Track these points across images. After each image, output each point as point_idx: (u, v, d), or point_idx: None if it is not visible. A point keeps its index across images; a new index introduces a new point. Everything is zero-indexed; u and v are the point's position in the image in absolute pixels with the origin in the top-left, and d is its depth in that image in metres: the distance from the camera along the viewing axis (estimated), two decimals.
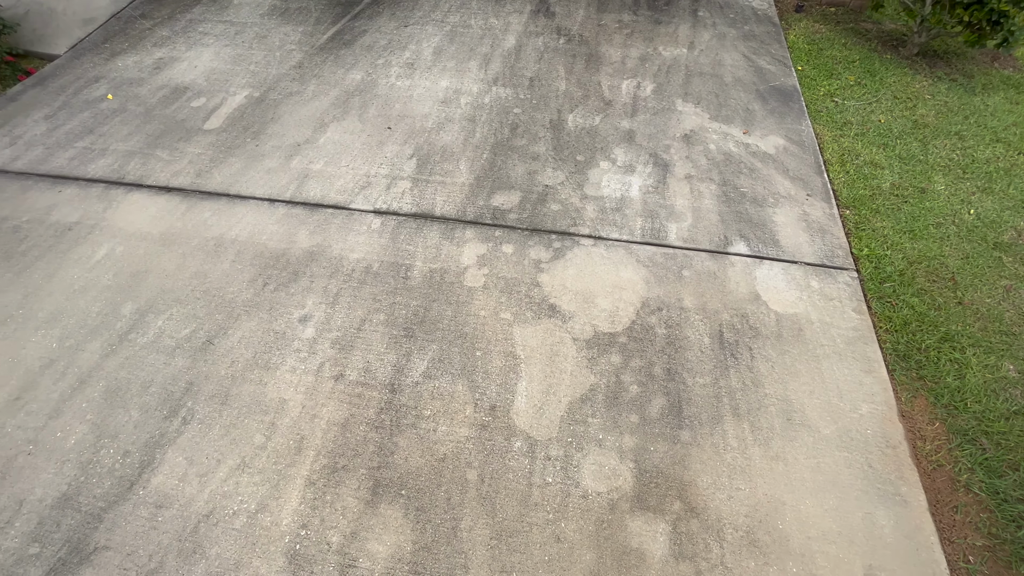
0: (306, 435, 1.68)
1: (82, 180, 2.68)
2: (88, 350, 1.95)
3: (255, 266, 2.21)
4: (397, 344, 1.90)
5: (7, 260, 2.32)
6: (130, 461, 1.65)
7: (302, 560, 1.43)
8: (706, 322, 1.93)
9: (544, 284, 2.07)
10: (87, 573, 1.44)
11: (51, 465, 1.66)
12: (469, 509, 1.50)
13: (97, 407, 1.79)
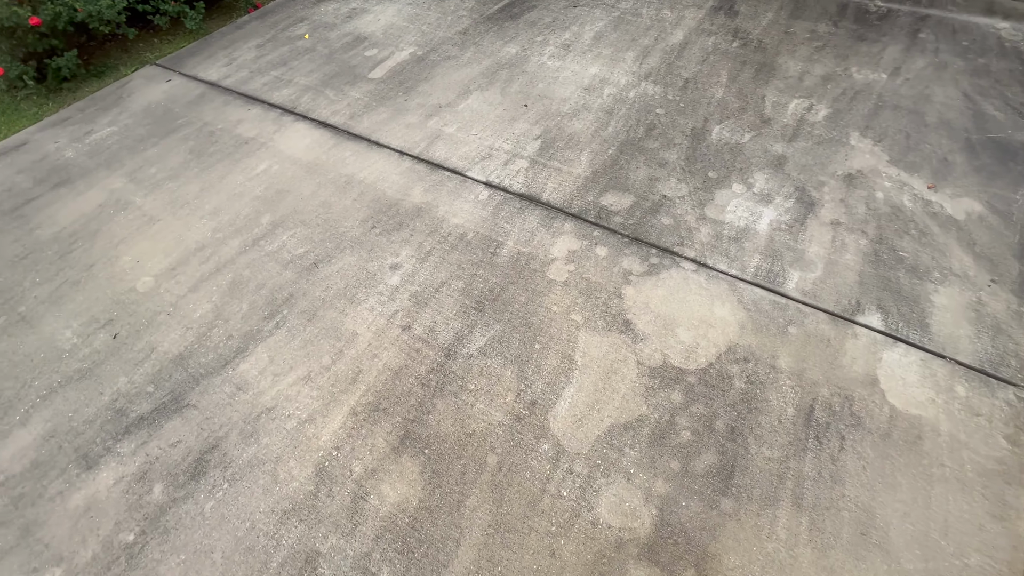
0: (363, 370, 1.82)
1: (266, 104, 3.15)
2: (229, 245, 2.32)
3: (370, 209, 2.41)
4: (465, 314, 1.95)
5: (198, 157, 2.83)
6: (230, 344, 1.95)
7: (326, 476, 1.58)
8: (798, 391, 1.67)
9: (627, 297, 1.95)
10: (176, 421, 1.75)
11: (179, 328, 2.03)
12: (479, 490, 1.52)
13: (221, 293, 2.13)
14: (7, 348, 2.04)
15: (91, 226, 2.52)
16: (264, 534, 1.48)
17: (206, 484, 1.60)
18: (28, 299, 2.21)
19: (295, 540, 1.47)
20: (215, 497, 1.57)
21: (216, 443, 1.69)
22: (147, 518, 1.54)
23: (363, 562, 1.41)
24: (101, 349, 2.00)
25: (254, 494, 1.56)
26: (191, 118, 3.11)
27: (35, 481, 1.65)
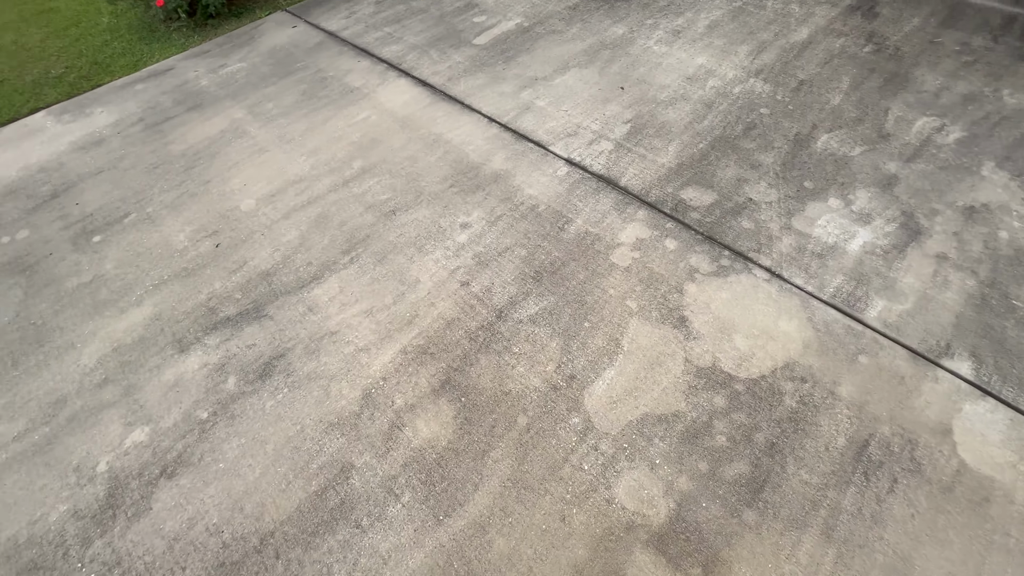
0: (419, 315, 1.94)
1: (375, 57, 3.33)
2: (322, 183, 2.53)
3: (452, 168, 2.51)
4: (523, 281, 2.00)
5: (309, 99, 3.07)
6: (308, 270, 2.15)
7: (370, 402, 1.72)
8: (855, 422, 1.56)
9: (687, 294, 1.90)
10: (255, 327, 1.97)
11: (269, 248, 2.26)
12: (504, 445, 1.58)
13: (308, 224, 2.34)
14: (133, 240, 2.38)
15: (212, 148, 2.83)
16: (310, 439, 1.65)
17: (270, 385, 1.80)
18: (155, 202, 2.55)
19: (335, 450, 1.62)
20: (275, 398, 1.76)
21: (284, 353, 1.88)
22: (219, 403, 1.77)
23: (389, 483, 1.54)
24: (204, 255, 2.27)
25: (307, 403, 1.74)
26: (308, 63, 3.36)
27: (140, 352, 1.94)
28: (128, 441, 1.71)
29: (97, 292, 2.19)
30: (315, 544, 1.45)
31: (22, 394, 1.88)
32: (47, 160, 2.93)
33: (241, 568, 1.43)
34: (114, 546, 1.50)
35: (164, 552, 1.47)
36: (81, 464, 1.68)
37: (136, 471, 1.64)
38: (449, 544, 1.41)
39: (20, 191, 2.75)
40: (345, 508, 1.50)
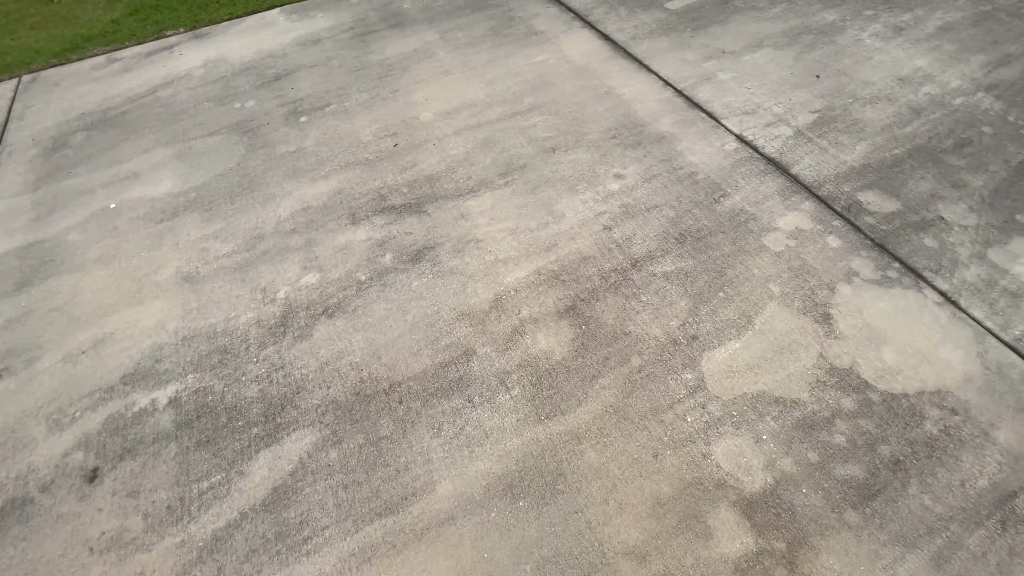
0: (558, 244, 2.05)
1: (564, 6, 3.40)
2: (493, 111, 2.70)
3: (617, 121, 2.54)
4: (664, 240, 2.02)
5: (495, 35, 3.25)
6: (467, 183, 2.35)
7: (499, 305, 1.88)
8: (1006, 470, 1.40)
9: (839, 294, 1.80)
10: (414, 219, 2.23)
11: (437, 157, 2.50)
12: (613, 377, 1.66)
13: (475, 143, 2.54)
14: (330, 126, 2.76)
15: (404, 63, 3.14)
16: (443, 320, 1.87)
17: (418, 269, 2.04)
18: (352, 99, 2.92)
19: (462, 335, 1.82)
20: (421, 280, 2.00)
21: (434, 246, 2.12)
22: (376, 271, 2.05)
23: (503, 376, 1.70)
24: (384, 151, 2.58)
25: (446, 291, 1.95)
26: (500, 2, 3.53)
27: (322, 215, 2.30)
28: (302, 281, 2.07)
29: (297, 161, 2.60)
30: (432, 403, 1.66)
31: (233, 225, 2.33)
32: (275, 49, 3.45)
33: (371, 401, 1.69)
34: (281, 354, 1.85)
35: (316, 370, 1.79)
36: (267, 287, 2.06)
37: (304, 305, 1.99)
38: (545, 441, 1.55)
39: (252, 70, 3.29)
40: (462, 383, 1.70)
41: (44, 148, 2.95)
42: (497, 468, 1.51)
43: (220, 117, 2.95)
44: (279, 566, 1.40)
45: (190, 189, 2.54)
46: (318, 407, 1.70)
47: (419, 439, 1.59)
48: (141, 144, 2.86)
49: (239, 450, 1.63)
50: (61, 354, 1.96)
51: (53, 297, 2.17)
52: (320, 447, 1.61)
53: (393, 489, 1.50)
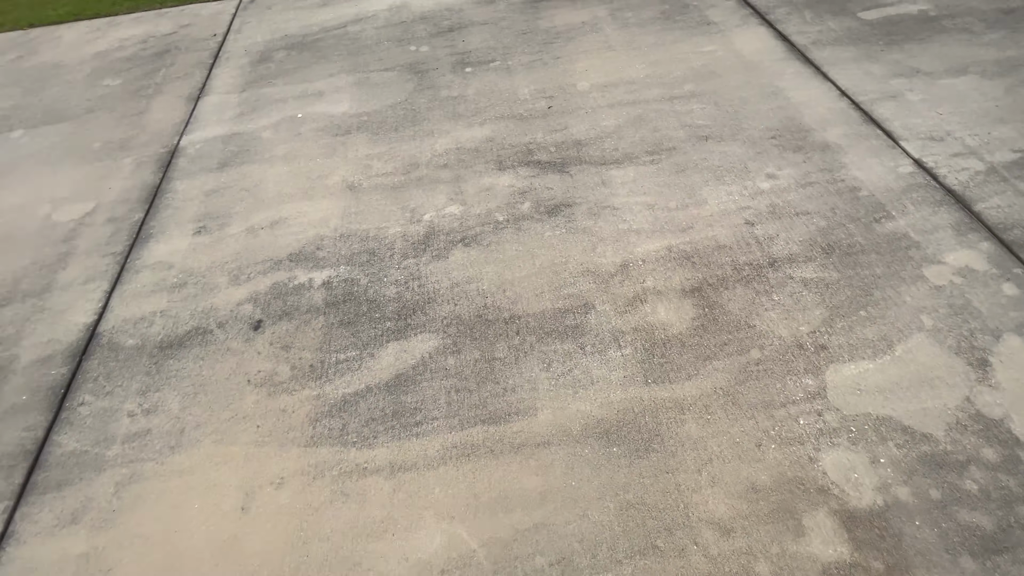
0: (695, 227, 2.05)
1: (743, 1, 3.29)
2: (651, 91, 2.72)
3: (779, 123, 2.45)
4: (809, 247, 1.94)
5: (665, 19, 3.23)
6: (613, 154, 2.41)
7: (625, 271, 1.94)
8: None
9: (1006, 344, 1.63)
10: (555, 176, 2.33)
11: (586, 124, 2.57)
12: (729, 362, 1.66)
13: (626, 119, 2.58)
14: (491, 80, 2.94)
15: (570, 33, 3.23)
16: (568, 271, 1.96)
17: (552, 222, 2.15)
18: (515, 59, 3.08)
19: (584, 289, 1.90)
20: (554, 232, 2.11)
21: (571, 204, 2.21)
22: (513, 216, 2.19)
23: (617, 334, 1.76)
24: (537, 110, 2.70)
25: (576, 247, 2.04)
26: None
27: (472, 157, 2.48)
28: (447, 210, 2.26)
29: (457, 106, 2.81)
30: (546, 341, 1.78)
31: (395, 150, 2.59)
32: (453, 3, 3.70)
33: (491, 326, 1.84)
34: (419, 267, 2.06)
35: (447, 288, 1.97)
36: (415, 209, 2.29)
37: (445, 230, 2.18)
38: (648, 402, 1.60)
39: (430, 19, 3.57)
40: (577, 331, 1.79)
41: (253, 59, 3.44)
42: (597, 413, 1.59)
43: (397, 56, 3.25)
44: (392, 437, 1.60)
45: (363, 113, 2.85)
46: (444, 319, 1.88)
47: (529, 368, 1.71)
48: (328, 68, 3.24)
49: (373, 336, 1.86)
50: (245, 226, 2.33)
51: (245, 179, 2.57)
52: (441, 352, 1.79)
53: (498, 403, 1.64)
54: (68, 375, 1.88)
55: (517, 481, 1.48)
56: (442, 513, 1.44)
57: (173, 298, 2.08)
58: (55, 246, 2.37)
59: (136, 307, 2.07)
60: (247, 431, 1.67)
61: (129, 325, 2.01)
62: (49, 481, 1.62)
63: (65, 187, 2.67)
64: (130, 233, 2.38)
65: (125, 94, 3.28)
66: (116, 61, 3.62)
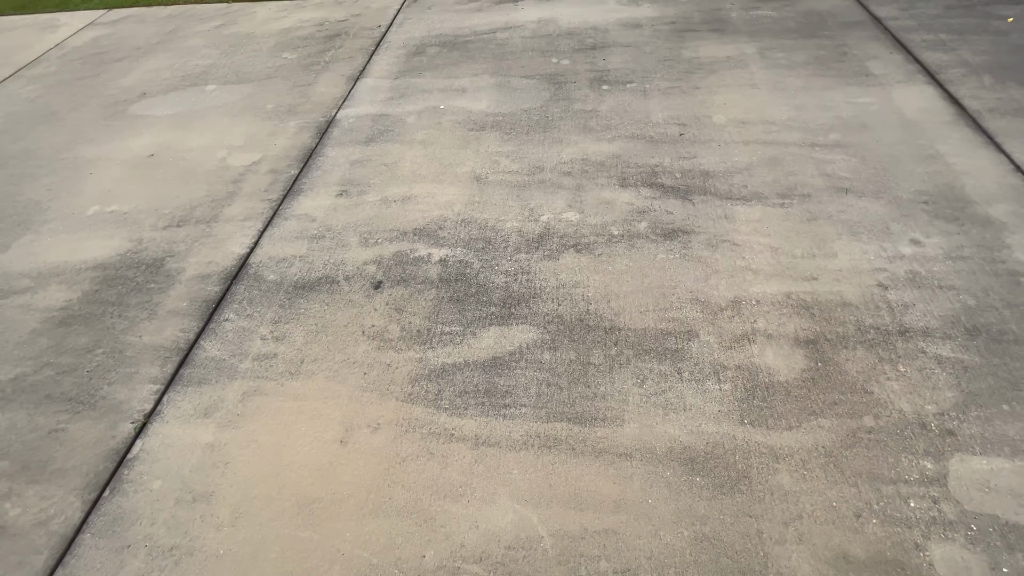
0: (819, 279, 1.96)
1: (911, 56, 3.08)
2: (791, 134, 2.63)
3: (933, 188, 2.27)
4: (951, 325, 1.78)
5: (818, 64, 3.11)
6: (741, 190, 2.36)
7: (736, 307, 1.90)
8: None
9: None
10: (676, 202, 2.34)
11: (718, 157, 2.54)
12: (835, 422, 1.57)
13: (759, 158, 2.51)
14: (626, 100, 3.00)
15: (713, 66, 3.21)
16: (676, 296, 1.96)
17: (668, 245, 2.15)
18: (652, 83, 3.11)
19: (690, 316, 1.89)
20: (667, 255, 2.11)
21: (689, 232, 2.20)
22: (628, 232, 2.23)
23: (718, 368, 1.73)
24: (668, 135, 2.72)
25: (688, 274, 2.03)
26: (836, 35, 3.35)
27: (596, 170, 2.55)
28: (564, 215, 2.35)
29: (589, 119, 2.90)
30: (643, 358, 1.79)
31: (524, 151, 2.73)
32: (599, 23, 3.82)
33: (591, 331, 1.88)
34: (529, 263, 2.15)
35: (553, 287, 2.05)
36: (534, 209, 2.40)
37: (560, 233, 2.26)
38: (741, 442, 1.55)
39: (574, 36, 3.71)
40: (676, 355, 1.78)
41: (408, 51, 3.79)
42: (685, 439, 1.57)
43: (538, 66, 3.42)
44: (481, 412, 1.69)
45: (499, 113, 3.03)
46: (546, 315, 1.96)
47: (622, 380, 1.73)
48: (473, 68, 3.48)
49: (477, 318, 1.98)
50: (380, 196, 2.58)
51: (385, 155, 2.83)
52: (538, 345, 1.86)
53: (586, 406, 1.68)
54: (220, 293, 2.19)
55: (593, 484, 1.50)
56: (517, 494, 1.50)
57: (312, 247, 2.35)
58: (225, 185, 2.76)
59: (281, 248, 2.36)
60: (354, 375, 1.85)
61: (273, 263, 2.30)
62: (192, 377, 1.90)
63: (240, 137, 3.10)
64: (285, 185, 2.72)
65: (299, 67, 3.74)
66: (295, 38, 4.15)
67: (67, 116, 3.47)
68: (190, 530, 1.50)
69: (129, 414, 1.80)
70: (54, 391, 1.90)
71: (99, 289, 2.26)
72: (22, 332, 2.12)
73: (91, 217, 2.64)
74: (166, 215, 2.60)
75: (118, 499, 1.59)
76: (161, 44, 4.25)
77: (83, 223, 2.61)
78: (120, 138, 3.20)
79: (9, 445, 1.76)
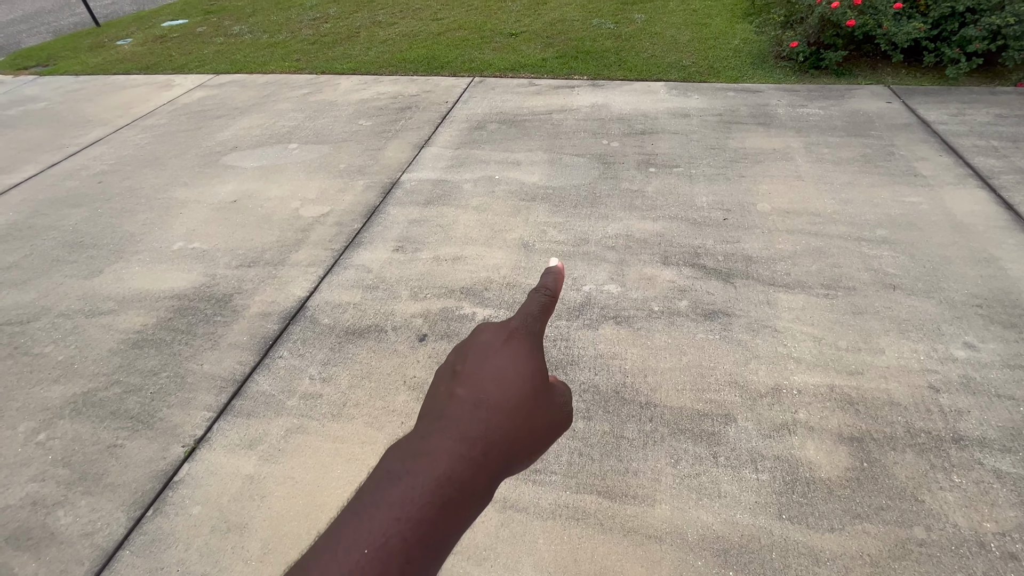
0: (865, 374, 1.92)
1: (962, 160, 3.12)
2: (836, 227, 2.67)
3: (988, 292, 2.23)
4: (1011, 437, 1.69)
5: (865, 162, 3.19)
6: (784, 278, 2.39)
7: (776, 394, 1.87)
8: None
9: None
10: (718, 283, 2.38)
11: (761, 243, 2.60)
12: (883, 531, 1.49)
13: (803, 248, 2.55)
14: (672, 183, 3.15)
15: (759, 156, 3.35)
16: (715, 378, 1.96)
17: (708, 325, 2.18)
18: (698, 169, 3.26)
19: (728, 399, 1.88)
20: (707, 336, 2.13)
21: (729, 314, 2.23)
22: (669, 309, 2.27)
23: (756, 456, 1.69)
24: (713, 219, 2.82)
25: (727, 356, 2.04)
26: (883, 135, 3.45)
27: (640, 246, 2.65)
28: (606, 287, 2.43)
29: (635, 199, 3.05)
30: (679, 437, 1.77)
31: (571, 223, 2.88)
32: (649, 111, 4.08)
33: (626, 404, 1.89)
34: (569, 331, 2.22)
35: (591, 357, 2.09)
36: (577, 279, 2.50)
37: (600, 304, 2.34)
38: (778, 539, 1.49)
39: (625, 121, 3.97)
40: (713, 439, 1.76)
41: (470, 125, 4.14)
42: (719, 529, 1.52)
43: (589, 146, 3.66)
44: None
45: (549, 187, 3.24)
46: (582, 383, 1.99)
47: (655, 458, 1.72)
48: (529, 144, 3.76)
49: None
50: (433, 255, 2.75)
51: (441, 217, 3.05)
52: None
53: (617, 481, 1.66)
54: (277, 332, 2.35)
55: (620, 564, 1.46)
56: (541, 565, 1.47)
57: (365, 296, 2.51)
58: (295, 233, 3.03)
59: (337, 295, 2.54)
60: (393, 423, 1.91)
61: (328, 307, 2.46)
62: (243, 408, 2.01)
63: (313, 191, 3.42)
64: (348, 237, 2.95)
65: (372, 133, 4.15)
66: (372, 108, 4.63)
67: (168, 162, 3.95)
68: (220, 560, 1.55)
69: (182, 438, 1.92)
70: (119, 408, 2.06)
71: (172, 317, 2.48)
72: (100, 350, 2.33)
73: (175, 251, 2.93)
74: (240, 255, 2.86)
75: (159, 520, 1.67)
76: (256, 106, 4.83)
77: (168, 256, 2.90)
78: (210, 184, 3.59)
79: (72, 455, 1.90)
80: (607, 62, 5.06)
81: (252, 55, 6.16)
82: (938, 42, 4.11)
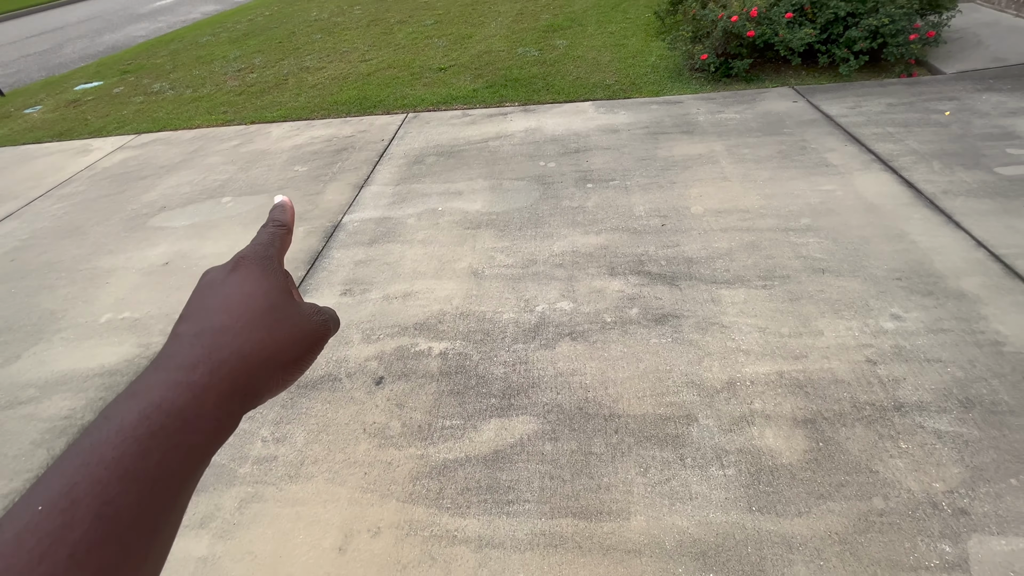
0: (809, 357, 2.01)
1: (864, 147, 3.40)
2: (765, 221, 2.83)
3: (905, 266, 2.41)
4: (944, 398, 1.81)
5: (782, 158, 3.42)
6: (724, 275, 2.50)
7: (732, 389, 1.93)
8: None
9: None
10: (664, 288, 2.46)
11: (699, 244, 2.72)
12: (846, 506, 1.54)
13: (738, 243, 2.68)
14: (609, 196, 3.25)
15: (687, 162, 3.53)
16: (672, 380, 2.00)
17: (659, 330, 2.23)
18: (633, 181, 3.40)
19: (687, 400, 1.92)
20: (660, 340, 2.18)
21: (679, 316, 2.29)
22: (620, 319, 2.32)
23: (720, 452, 1.73)
24: (651, 226, 2.92)
25: (681, 357, 2.09)
26: (794, 132, 3.72)
27: (586, 260, 2.71)
28: (558, 305, 2.46)
29: (577, 215, 3.13)
30: (645, 445, 1.78)
31: (517, 246, 2.91)
32: (580, 130, 4.24)
33: (590, 419, 1.90)
34: (527, 352, 2.22)
35: (551, 376, 2.09)
36: (529, 300, 2.51)
37: (555, 323, 2.35)
38: (751, 531, 1.51)
39: (559, 141, 4.10)
40: (677, 441, 1.78)
41: (409, 160, 4.16)
42: (694, 531, 1.53)
43: (527, 169, 3.75)
44: (483, 511, 1.65)
45: (493, 213, 3.27)
46: (545, 405, 1.98)
47: (625, 470, 1.72)
48: (468, 173, 3.80)
49: (478, 410, 2.00)
50: (382, 294, 2.70)
51: (388, 255, 3.01)
52: (539, 436, 1.86)
53: (591, 499, 1.65)
54: None
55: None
56: None
57: None
58: None
59: None
60: (355, 476, 1.82)
61: None
62: None
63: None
64: None
65: (309, 178, 4.08)
66: (306, 153, 4.57)
67: (90, 230, 3.72)
68: None
69: None
70: None
71: (104, 396, 2.29)
72: (22, 444, 2.12)
73: (103, 324, 2.74)
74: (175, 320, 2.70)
75: None
76: (183, 162, 4.66)
77: (95, 331, 2.70)
78: (138, 248, 3.40)
79: None
80: (536, 87, 5.24)
81: (175, 111, 5.98)
82: (828, 44, 4.52)
